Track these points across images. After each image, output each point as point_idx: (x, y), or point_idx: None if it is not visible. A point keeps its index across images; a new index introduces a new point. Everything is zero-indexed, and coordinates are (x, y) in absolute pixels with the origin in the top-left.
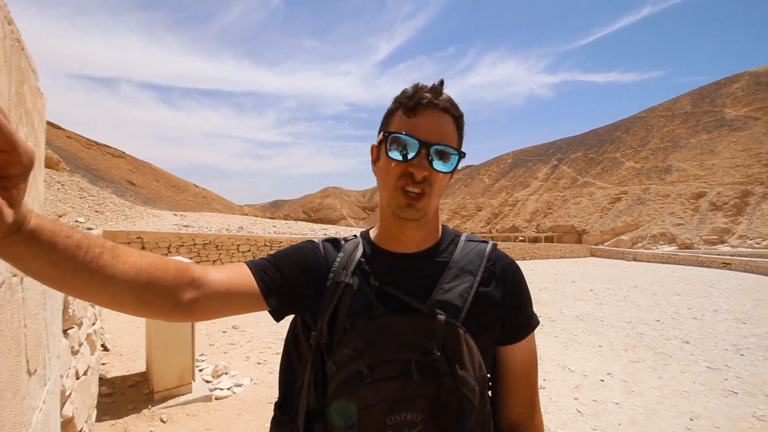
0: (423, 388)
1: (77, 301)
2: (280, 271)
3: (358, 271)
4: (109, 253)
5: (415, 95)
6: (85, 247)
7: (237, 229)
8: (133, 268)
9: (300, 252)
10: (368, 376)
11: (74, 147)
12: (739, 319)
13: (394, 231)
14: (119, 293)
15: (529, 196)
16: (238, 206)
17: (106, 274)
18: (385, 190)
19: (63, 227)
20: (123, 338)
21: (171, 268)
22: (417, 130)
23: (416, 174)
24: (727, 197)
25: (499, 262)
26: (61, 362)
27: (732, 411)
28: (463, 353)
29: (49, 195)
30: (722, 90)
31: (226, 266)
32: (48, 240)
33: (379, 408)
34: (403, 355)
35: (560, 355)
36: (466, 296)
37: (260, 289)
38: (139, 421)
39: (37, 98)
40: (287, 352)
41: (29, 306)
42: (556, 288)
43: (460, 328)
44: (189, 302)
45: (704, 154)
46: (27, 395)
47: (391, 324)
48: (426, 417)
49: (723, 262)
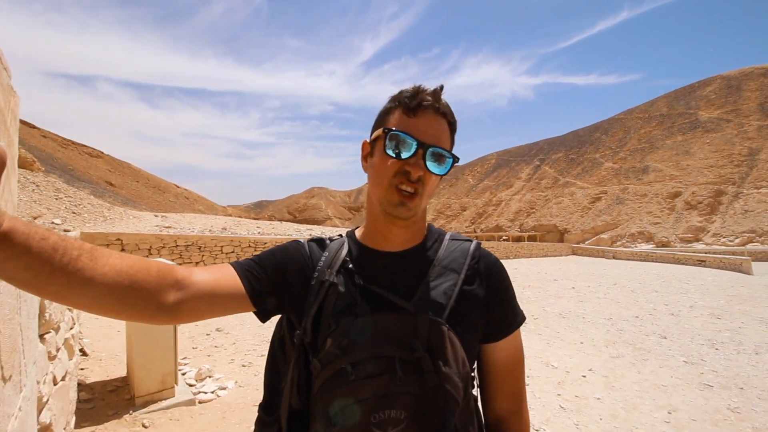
0: (407, 385)
1: (54, 305)
2: (265, 271)
3: (343, 270)
4: (87, 256)
5: (417, 96)
6: (61, 250)
7: (220, 230)
8: (113, 270)
9: (285, 252)
10: (352, 373)
11: (50, 146)
12: (714, 314)
13: (382, 229)
14: (99, 296)
15: (513, 196)
16: (222, 207)
17: (84, 277)
18: (379, 187)
19: (38, 229)
20: (103, 342)
21: (153, 269)
22: (416, 130)
23: (412, 173)
24: (702, 197)
25: (483, 260)
26: (37, 368)
27: (708, 404)
28: (446, 350)
29: (24, 196)
30: (696, 93)
31: (210, 267)
32: (22, 243)
33: (363, 405)
34: (387, 352)
35: (543, 352)
36: (450, 294)
37: (246, 289)
38: (120, 426)
39: (9, 96)
40: (273, 353)
41: (3, 311)
42: (539, 286)
43: (444, 325)
44: (173, 304)
45: (679, 155)
46: (2, 402)
47: (376, 322)
48: (410, 414)
49: (698, 260)
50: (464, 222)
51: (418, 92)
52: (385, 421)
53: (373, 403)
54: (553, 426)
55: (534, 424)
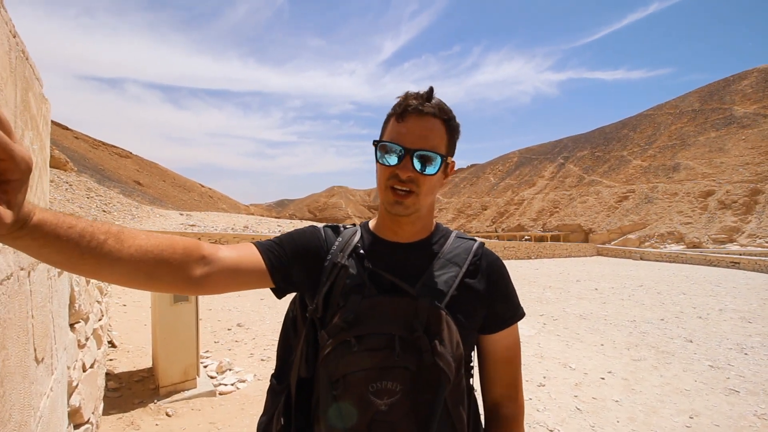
0: (404, 360)
1: (83, 297)
2: (285, 251)
3: (354, 254)
4: (113, 239)
5: (403, 103)
6: (88, 235)
7: (242, 229)
8: (139, 250)
9: (303, 234)
10: (355, 345)
11: (82, 147)
12: (745, 318)
13: (390, 224)
14: (129, 273)
15: (535, 195)
16: (244, 206)
17: (113, 258)
18: (379, 190)
19: (66, 219)
20: (130, 336)
21: (179, 246)
22: (403, 136)
23: (401, 174)
24: (736, 195)
25: (485, 258)
26: (68, 354)
27: (733, 409)
28: (443, 331)
29: (58, 195)
30: (731, 87)
31: (235, 245)
32: (51, 232)
33: (362, 375)
34: (388, 330)
35: (562, 353)
36: (451, 284)
37: (267, 266)
38: (145, 414)
39: (41, 104)
40: (285, 329)
41: (36, 298)
42: (560, 287)
43: (443, 310)
44: (200, 277)
45: (713, 152)
46: (35, 381)
47: (381, 303)
48: (404, 387)
49: (732, 261)
50: (485, 221)
51: (405, 98)
52: (381, 391)
53: (373, 374)
54: (568, 427)
55: (549, 425)
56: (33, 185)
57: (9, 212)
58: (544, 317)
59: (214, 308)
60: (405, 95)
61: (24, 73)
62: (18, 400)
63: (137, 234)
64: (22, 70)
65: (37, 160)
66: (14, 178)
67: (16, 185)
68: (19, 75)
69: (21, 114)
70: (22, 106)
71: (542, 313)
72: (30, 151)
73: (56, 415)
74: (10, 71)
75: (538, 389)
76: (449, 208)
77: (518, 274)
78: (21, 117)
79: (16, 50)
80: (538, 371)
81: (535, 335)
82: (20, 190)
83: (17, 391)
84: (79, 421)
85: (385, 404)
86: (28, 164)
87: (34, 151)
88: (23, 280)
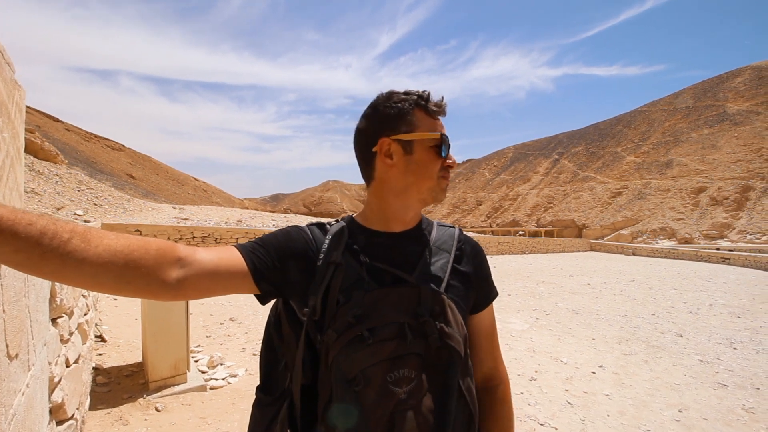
0: (415, 347)
1: (65, 291)
2: (269, 252)
3: (347, 250)
4: (79, 238)
5: (441, 104)
6: (50, 233)
7: (236, 222)
8: (107, 251)
9: (288, 235)
10: (369, 338)
11: (73, 140)
12: (734, 313)
13: (400, 213)
14: (96, 275)
15: (530, 191)
16: (238, 200)
17: (77, 258)
18: (429, 180)
19: (25, 215)
20: (121, 330)
21: (152, 248)
22: (443, 128)
23: (454, 164)
24: (728, 192)
25: (467, 243)
26: (49, 350)
27: (721, 403)
28: (448, 314)
29: (47, 188)
30: (724, 84)
31: (214, 248)
32: (7, 229)
33: (380, 366)
34: (397, 318)
35: (553, 347)
36: (445, 269)
37: (249, 268)
38: (134, 409)
39: (13, 90)
40: (268, 335)
41: (8, 292)
42: (553, 282)
43: (444, 294)
44: (176, 281)
45: (705, 148)
46: (7, 378)
47: (385, 294)
48: (418, 372)
49: (722, 257)
50: (480, 216)
51: (441, 100)
52: (399, 380)
53: (389, 364)
54: (558, 421)
55: (539, 419)
56: (3, 176)
57: None
58: (537, 312)
59: (207, 302)
60: (440, 98)
61: None
62: None
63: (105, 234)
64: None
65: (8, 149)
66: None
67: None
68: None
69: None
70: None
71: (535, 307)
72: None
73: (34, 412)
74: None
75: (530, 383)
76: (444, 204)
77: (512, 269)
78: None
79: None
80: (529, 365)
81: (528, 329)
82: None
83: None
84: (62, 417)
85: (405, 392)
86: None
87: (4, 140)
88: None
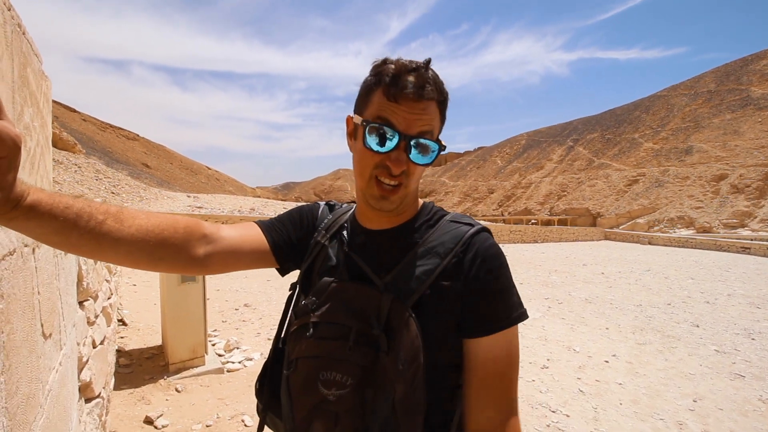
0: (356, 356)
1: (91, 275)
2: (286, 228)
3: (337, 235)
4: (112, 219)
5: (399, 81)
6: (86, 216)
7: (249, 211)
8: (140, 231)
9: (301, 212)
10: (311, 332)
11: (90, 130)
12: (754, 303)
13: (368, 213)
14: (130, 253)
15: (543, 179)
16: (251, 188)
17: (113, 239)
18: (360, 177)
19: (62, 199)
20: (141, 314)
21: (181, 226)
22: (398, 118)
23: (394, 168)
24: (750, 179)
25: (473, 248)
26: (77, 331)
27: (737, 394)
28: (402, 335)
29: (67, 177)
30: (749, 67)
31: (237, 225)
32: (47, 212)
33: (313, 361)
34: (343, 321)
35: (566, 336)
36: (425, 279)
37: (269, 244)
38: (156, 390)
39: (41, 81)
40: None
41: (42, 275)
42: (566, 271)
43: (407, 310)
44: (203, 256)
45: (727, 134)
46: (42, 355)
47: (346, 290)
48: (355, 383)
49: (742, 246)
50: (491, 205)
51: (400, 74)
52: (330, 381)
53: (324, 362)
54: (570, 408)
55: (551, 406)
56: (35, 164)
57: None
58: (549, 300)
59: (222, 288)
60: (399, 67)
61: (21, 48)
62: (25, 373)
63: (137, 214)
64: (19, 45)
65: (38, 138)
66: (1, 156)
67: (4, 164)
68: (15, 49)
69: (19, 90)
70: (21, 82)
71: (547, 296)
72: (30, 128)
73: (66, 389)
74: (6, 45)
75: (542, 371)
76: (455, 192)
77: (524, 258)
78: (20, 93)
79: (12, 24)
80: (541, 354)
81: (540, 318)
82: (9, 169)
83: (24, 364)
84: (90, 395)
85: (333, 395)
86: (16, 143)
87: (34, 129)
88: (27, 256)
